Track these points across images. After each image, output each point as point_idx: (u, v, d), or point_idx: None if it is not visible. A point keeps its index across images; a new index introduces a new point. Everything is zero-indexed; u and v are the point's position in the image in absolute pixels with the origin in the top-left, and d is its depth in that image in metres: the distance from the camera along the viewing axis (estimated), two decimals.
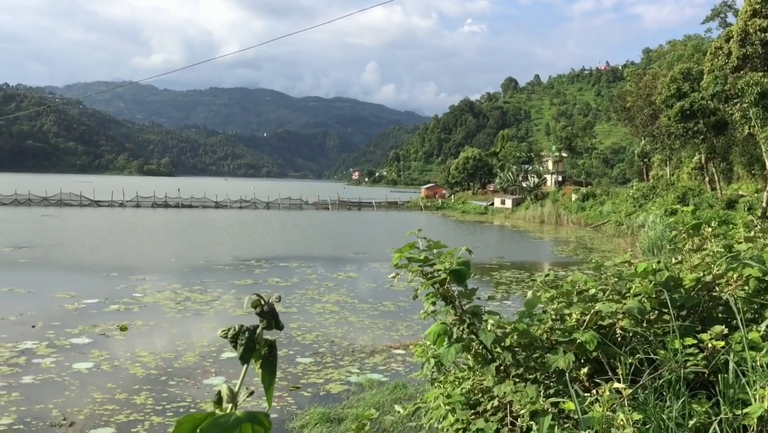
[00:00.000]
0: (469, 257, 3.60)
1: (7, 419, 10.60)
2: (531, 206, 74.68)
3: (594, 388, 3.15)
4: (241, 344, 1.18)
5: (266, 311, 1.19)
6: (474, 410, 3.67)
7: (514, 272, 29.56)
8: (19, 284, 23.35)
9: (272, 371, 1.21)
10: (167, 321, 18.22)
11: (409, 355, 14.84)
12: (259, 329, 1.19)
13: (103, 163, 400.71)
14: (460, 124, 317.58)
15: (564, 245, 44.50)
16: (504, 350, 3.47)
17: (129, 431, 10.29)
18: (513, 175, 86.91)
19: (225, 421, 1.05)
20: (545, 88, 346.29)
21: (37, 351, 14.58)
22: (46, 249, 34.51)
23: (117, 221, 57.50)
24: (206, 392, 12.25)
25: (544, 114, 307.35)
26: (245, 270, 28.64)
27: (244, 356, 1.17)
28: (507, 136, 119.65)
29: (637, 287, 3.82)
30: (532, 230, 59.17)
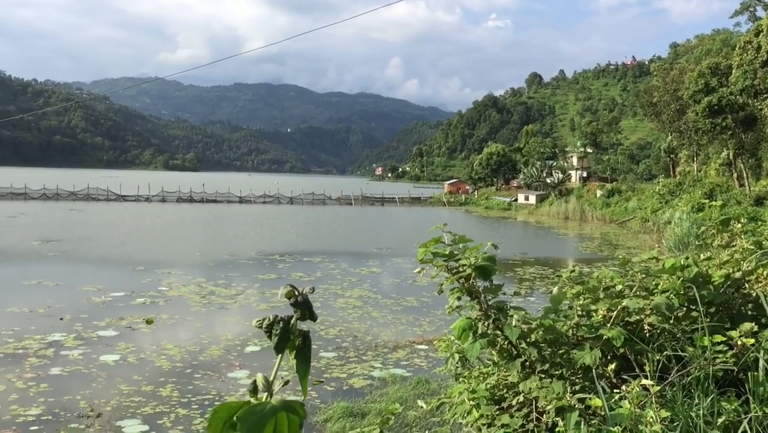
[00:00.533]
0: (494, 253, 3.58)
1: (35, 410, 10.78)
2: (555, 202, 74.15)
3: (621, 385, 3.12)
4: (275, 334, 1.18)
5: (300, 302, 1.20)
6: (499, 406, 3.66)
7: (537, 268, 29.40)
8: (47, 276, 23.71)
9: (306, 362, 1.22)
10: (192, 315, 18.39)
11: (432, 350, 14.84)
12: (293, 319, 1.20)
13: (130, 158, 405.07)
14: (484, 120, 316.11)
15: (588, 242, 44.15)
16: (529, 346, 3.46)
17: (155, 423, 10.41)
18: (537, 171, 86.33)
19: (261, 409, 1.06)
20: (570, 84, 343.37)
21: (65, 343, 14.80)
22: (73, 243, 34.99)
23: (143, 215, 58.13)
24: (230, 385, 12.35)
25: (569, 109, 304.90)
26: (269, 265, 28.81)
27: (278, 346, 1.18)
28: (531, 132, 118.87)
29: (664, 283, 3.78)
30: (556, 226, 58.77)
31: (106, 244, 35.54)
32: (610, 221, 61.99)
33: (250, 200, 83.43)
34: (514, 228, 57.73)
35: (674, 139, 67.32)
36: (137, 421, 10.46)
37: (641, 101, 73.25)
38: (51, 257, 29.46)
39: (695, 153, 65.28)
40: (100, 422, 10.38)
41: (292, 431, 1.09)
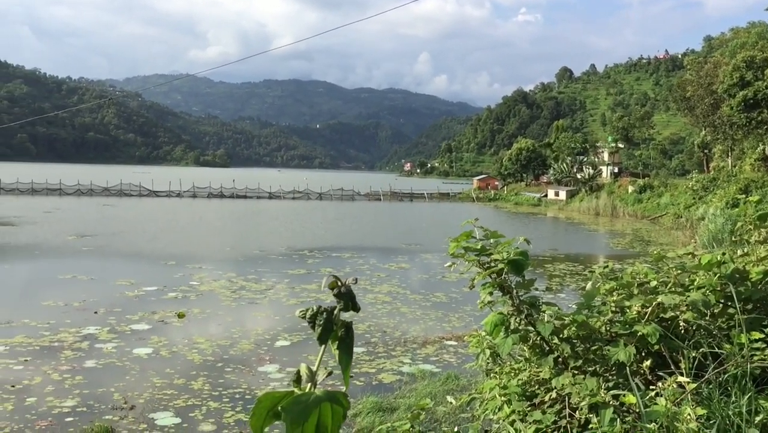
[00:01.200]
0: (527, 248, 3.56)
1: (71, 402, 10.99)
2: (586, 198, 73.46)
3: (656, 382, 3.08)
4: (319, 324, 1.19)
5: (343, 293, 1.20)
6: (530, 402, 3.63)
7: (568, 264, 29.16)
8: (82, 271, 24.12)
9: (349, 353, 1.22)
10: (223, 309, 18.58)
11: (461, 346, 14.80)
12: (336, 310, 1.20)
13: (161, 154, 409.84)
14: (513, 115, 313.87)
15: (620, 238, 43.65)
16: (562, 342, 3.43)
17: (187, 416, 10.54)
18: (567, 166, 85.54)
19: (305, 399, 1.06)
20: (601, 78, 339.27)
21: (99, 336, 15.05)
22: (107, 237, 35.55)
23: (174, 210, 58.84)
24: (261, 379, 12.46)
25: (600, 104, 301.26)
26: (298, 260, 28.98)
27: (321, 337, 1.18)
28: (561, 127, 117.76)
29: (701, 279, 3.72)
30: (586, 222, 58.22)
31: (138, 239, 36.04)
32: (642, 216, 61.24)
33: (280, 196, 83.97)
34: (544, 224, 57.31)
35: (708, 134, 66.20)
36: (169, 413, 10.61)
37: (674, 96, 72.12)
38: (85, 252, 29.96)
39: (730, 148, 64.08)
40: (134, 414, 10.54)
41: (335, 421, 1.09)
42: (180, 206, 64.85)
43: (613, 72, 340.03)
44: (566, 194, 79.45)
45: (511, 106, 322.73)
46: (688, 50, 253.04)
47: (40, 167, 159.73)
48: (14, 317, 16.48)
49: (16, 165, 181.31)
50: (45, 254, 29.14)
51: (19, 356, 13.38)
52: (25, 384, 11.74)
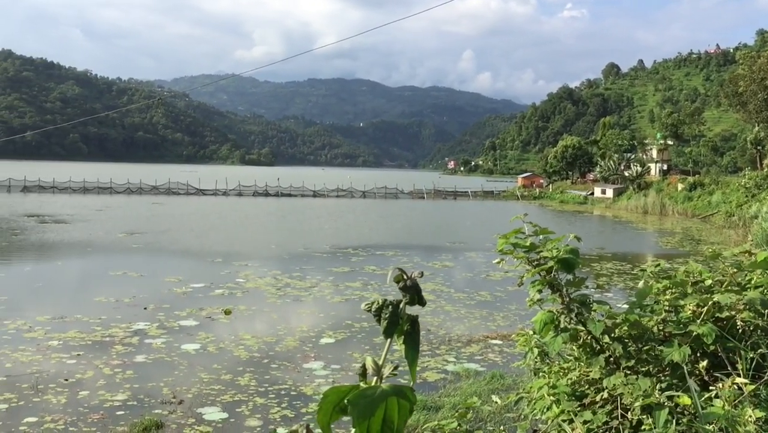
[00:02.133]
0: (577, 245, 3.50)
1: (122, 396, 11.24)
2: (633, 196, 72.15)
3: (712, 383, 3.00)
4: (384, 318, 1.18)
5: (409, 286, 1.19)
6: (580, 402, 3.57)
7: (615, 263, 28.67)
8: (132, 268, 24.65)
9: (415, 347, 1.20)
10: (268, 306, 18.78)
11: (506, 345, 14.68)
12: (402, 303, 1.19)
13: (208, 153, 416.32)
14: (559, 112, 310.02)
15: (669, 237, 42.75)
16: (614, 341, 3.36)
17: (234, 411, 10.68)
18: (614, 163, 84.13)
19: (372, 393, 1.06)
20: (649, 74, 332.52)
21: (148, 332, 15.37)
22: (156, 235, 36.28)
23: (220, 209, 59.71)
24: (306, 376, 12.55)
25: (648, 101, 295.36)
26: (342, 258, 29.11)
27: (387, 330, 1.17)
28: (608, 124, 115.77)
29: (758, 278, 3.61)
30: (634, 221, 57.17)
31: (186, 236, 36.69)
32: (692, 215, 59.89)
33: (324, 194, 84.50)
34: (591, 222, 56.48)
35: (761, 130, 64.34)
36: (217, 408, 10.76)
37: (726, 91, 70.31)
38: (135, 249, 30.62)
39: None
40: (182, 408, 10.73)
41: (402, 416, 1.08)
42: (226, 204, 65.79)
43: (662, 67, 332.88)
44: (613, 192, 78.15)
45: (556, 103, 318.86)
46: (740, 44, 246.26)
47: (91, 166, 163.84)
48: (67, 313, 16.92)
49: (68, 164, 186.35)
50: (97, 251, 29.87)
51: (72, 350, 13.74)
52: (77, 378, 12.05)
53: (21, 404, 10.72)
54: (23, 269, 25.58)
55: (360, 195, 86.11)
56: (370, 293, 20.79)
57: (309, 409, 10.82)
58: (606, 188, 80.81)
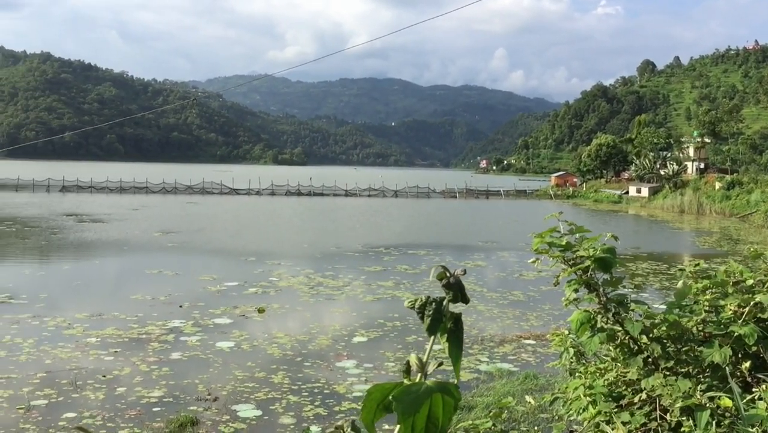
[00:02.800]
0: (614, 244, 3.46)
1: (158, 392, 11.40)
2: (669, 195, 71.00)
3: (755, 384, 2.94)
4: (428, 315, 1.17)
5: (453, 283, 1.18)
6: (617, 403, 3.53)
7: (651, 263, 28.26)
8: (167, 266, 25.00)
9: (458, 345, 1.20)
10: (301, 305, 18.89)
11: (540, 345, 14.57)
12: (445, 301, 1.19)
13: (241, 153, 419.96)
14: (593, 110, 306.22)
15: (706, 236, 42.00)
16: (652, 342, 3.31)
17: (268, 408, 10.77)
18: (650, 162, 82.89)
19: (417, 390, 1.05)
20: (686, 71, 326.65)
21: (184, 330, 15.56)
22: (190, 234, 36.74)
23: (254, 208, 60.23)
24: (339, 375, 12.59)
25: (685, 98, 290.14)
26: (374, 257, 29.15)
27: (431, 328, 1.17)
28: (643, 122, 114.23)
29: None
30: (670, 220, 56.28)
31: (220, 235, 37.08)
32: (730, 214, 58.75)
33: (356, 193, 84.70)
34: (626, 221, 55.75)
35: None
36: (251, 406, 10.86)
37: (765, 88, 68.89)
38: (170, 248, 31.04)
39: None
40: (217, 405, 10.85)
41: (446, 412, 1.08)
42: (259, 204, 66.34)
43: (699, 64, 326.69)
44: (649, 191, 77.02)
45: (590, 101, 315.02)
46: None
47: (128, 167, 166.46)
48: (105, 310, 17.22)
49: (106, 164, 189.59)
50: (133, 250, 30.35)
51: (109, 347, 13.98)
52: (115, 374, 12.26)
53: (60, 399, 10.94)
54: (62, 267, 26.09)
55: (392, 194, 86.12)
56: (402, 293, 20.79)
57: (342, 407, 10.86)
58: (641, 187, 79.67)
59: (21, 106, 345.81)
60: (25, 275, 23.19)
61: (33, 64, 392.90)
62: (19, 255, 28.52)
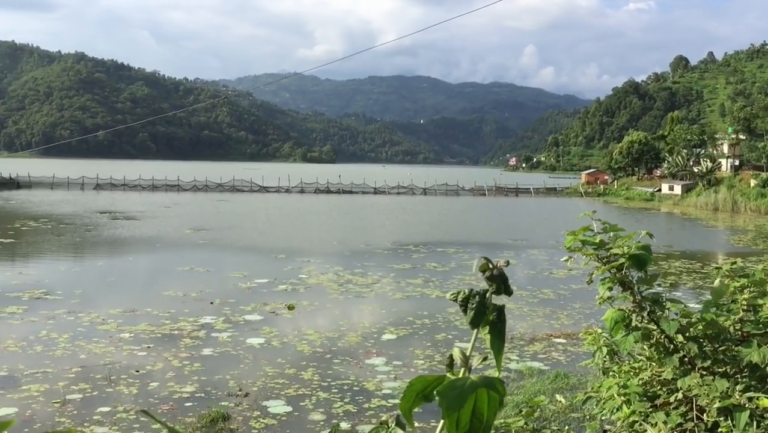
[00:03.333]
0: (649, 242, 3.41)
1: (190, 387, 11.54)
2: (703, 193, 69.86)
3: None
4: (471, 307, 1.17)
5: (496, 275, 1.18)
6: (652, 403, 3.49)
7: (684, 261, 27.85)
8: (198, 263, 25.28)
9: (501, 338, 1.19)
10: (330, 302, 18.97)
11: (570, 344, 14.46)
12: (488, 293, 1.18)
13: (271, 151, 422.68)
14: (624, 107, 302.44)
15: (741, 234, 41.26)
16: (688, 341, 3.26)
17: (298, 405, 10.85)
18: (683, 159, 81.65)
19: (461, 384, 1.05)
20: (720, 66, 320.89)
21: (215, 326, 15.73)
22: (221, 231, 37.09)
23: (283, 205, 60.60)
24: (368, 372, 12.62)
25: (719, 94, 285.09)
26: (403, 255, 29.15)
27: (474, 321, 1.16)
28: (676, 119, 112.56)
29: None
30: (704, 218, 55.38)
31: (250, 233, 37.39)
32: (766, 212, 57.61)
33: (385, 191, 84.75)
34: (658, 219, 55.00)
35: None
36: (281, 402, 10.94)
37: None
38: (201, 245, 31.37)
39: None
40: (248, 401, 10.95)
41: (491, 408, 1.08)
42: (288, 201, 66.72)
43: (734, 60, 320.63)
44: (682, 189, 75.88)
45: (621, 97, 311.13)
46: None
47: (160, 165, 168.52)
48: (138, 306, 17.47)
49: (138, 162, 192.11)
50: (165, 247, 30.75)
51: (142, 342, 14.19)
52: (148, 369, 12.43)
53: (95, 394, 11.13)
54: (96, 264, 26.53)
55: (420, 192, 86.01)
56: (431, 290, 20.77)
57: (371, 404, 10.89)
58: (674, 185, 78.54)
59: (56, 106, 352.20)
60: (61, 272, 23.62)
61: (67, 64, 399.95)
62: (55, 252, 29.06)
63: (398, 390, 11.59)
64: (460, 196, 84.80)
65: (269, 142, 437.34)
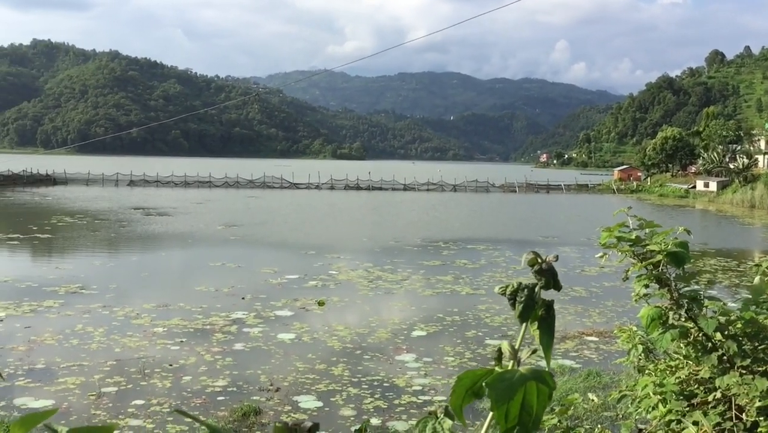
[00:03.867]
0: (687, 238, 3.36)
1: (222, 382, 11.67)
2: (739, 189, 68.55)
3: None
4: (520, 301, 1.17)
5: (545, 269, 1.17)
6: (689, 402, 3.44)
7: (719, 259, 27.36)
8: (230, 259, 25.51)
9: (550, 333, 1.19)
10: (360, 298, 19.02)
11: (603, 342, 14.31)
12: (537, 287, 1.17)
13: (301, 148, 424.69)
14: (658, 103, 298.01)
15: None
16: (727, 339, 3.21)
17: (328, 400, 10.90)
18: (718, 155, 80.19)
19: (510, 377, 1.05)
20: (757, 61, 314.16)
21: (246, 321, 15.87)
22: (252, 227, 37.40)
23: (313, 202, 60.86)
24: (398, 368, 12.63)
25: (756, 89, 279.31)
26: (433, 251, 29.09)
27: (522, 314, 1.16)
28: (712, 114, 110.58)
29: None
30: (740, 216, 54.37)
31: (280, 229, 37.63)
32: None
33: (414, 188, 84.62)
34: (693, 217, 54.11)
35: None
36: (312, 397, 11.01)
37: None
38: (233, 241, 31.67)
39: None
40: (279, 396, 11.03)
41: (540, 401, 1.07)
42: (318, 198, 67.00)
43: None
44: (717, 185, 74.53)
45: (655, 93, 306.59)
46: None
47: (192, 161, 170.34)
48: (171, 301, 17.70)
49: (171, 159, 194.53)
50: (197, 243, 31.09)
51: (175, 337, 14.37)
52: (181, 363, 12.59)
53: (129, 387, 11.31)
54: (130, 259, 26.94)
55: (450, 189, 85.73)
56: (461, 287, 20.70)
57: (402, 401, 10.90)
58: (709, 181, 77.19)
59: (91, 103, 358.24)
60: (96, 266, 24.02)
61: (102, 62, 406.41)
62: (90, 247, 29.57)
63: (428, 387, 11.59)
64: (490, 193, 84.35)
65: (299, 138, 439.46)
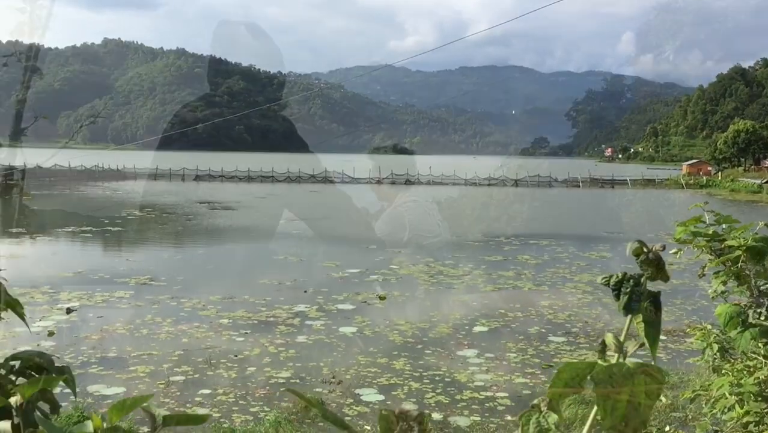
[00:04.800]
0: None
1: (286, 373, 11.84)
2: None
3: None
4: (625, 292, 1.13)
5: (651, 259, 1.13)
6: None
7: None
8: (292, 252, 25.86)
9: (656, 326, 1.15)
10: (421, 293, 19.01)
11: (671, 341, 13.92)
12: (643, 278, 1.13)
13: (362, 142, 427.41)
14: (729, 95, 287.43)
15: None
16: None
17: (390, 394, 10.93)
18: None
19: (617, 370, 1.02)
20: None
21: (309, 314, 16.07)
22: (314, 222, 37.79)
23: (374, 197, 61.03)
24: (459, 363, 12.57)
25: None
26: (495, 246, 28.83)
27: (627, 306, 1.12)
28: None
29: None
30: None
31: (341, 223, 37.91)
32: None
33: (475, 183, 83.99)
34: (766, 213, 52.07)
35: None
36: (374, 390, 11.06)
37: None
38: (295, 235, 32.07)
39: None
40: (341, 388, 11.13)
41: (649, 397, 1.04)
42: (379, 193, 67.16)
43: None
44: None
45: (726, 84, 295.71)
46: None
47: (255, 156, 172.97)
48: (236, 294, 18.05)
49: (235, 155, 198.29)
50: (261, 237, 31.65)
51: (240, 328, 14.66)
52: (245, 355, 12.84)
53: (196, 377, 11.59)
54: (197, 252, 27.62)
55: (512, 184, 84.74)
56: (523, 283, 20.47)
57: (463, 396, 10.84)
58: None
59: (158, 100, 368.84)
60: (164, 259, 24.73)
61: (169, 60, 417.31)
62: (158, 240, 30.46)
63: (491, 383, 11.49)
64: (552, 187, 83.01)
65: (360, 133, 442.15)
